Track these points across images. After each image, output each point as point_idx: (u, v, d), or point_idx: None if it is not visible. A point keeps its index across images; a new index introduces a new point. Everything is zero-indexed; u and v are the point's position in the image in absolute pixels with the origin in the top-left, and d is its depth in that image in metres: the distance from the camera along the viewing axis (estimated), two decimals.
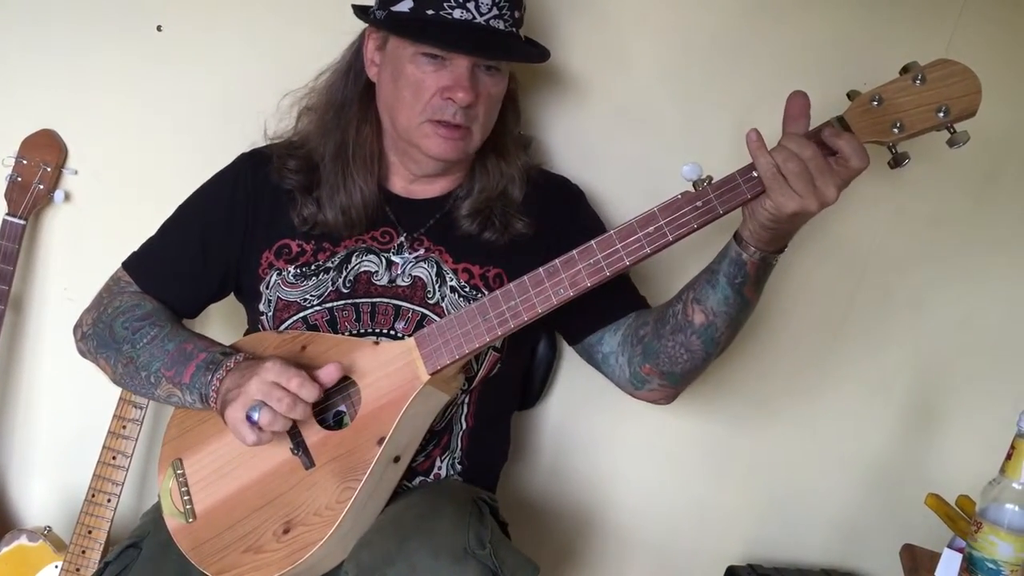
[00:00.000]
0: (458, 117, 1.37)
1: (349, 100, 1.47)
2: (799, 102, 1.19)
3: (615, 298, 1.48)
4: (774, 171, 1.15)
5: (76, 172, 1.79)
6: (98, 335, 1.44)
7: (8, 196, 1.75)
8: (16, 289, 1.80)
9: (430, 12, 1.34)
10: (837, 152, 1.15)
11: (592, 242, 1.22)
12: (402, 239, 1.47)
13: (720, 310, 1.31)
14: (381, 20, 1.39)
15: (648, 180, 1.72)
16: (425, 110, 1.37)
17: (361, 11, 1.43)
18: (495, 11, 1.35)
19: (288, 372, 1.22)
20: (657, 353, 1.39)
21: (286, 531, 1.25)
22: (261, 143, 1.55)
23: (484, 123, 1.42)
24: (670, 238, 1.20)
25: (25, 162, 1.74)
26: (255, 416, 1.21)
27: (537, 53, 1.46)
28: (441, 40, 1.34)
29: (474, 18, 1.34)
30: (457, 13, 1.33)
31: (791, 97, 1.20)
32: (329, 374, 1.26)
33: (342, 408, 1.34)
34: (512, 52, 1.40)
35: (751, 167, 1.18)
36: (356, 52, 1.48)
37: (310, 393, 1.22)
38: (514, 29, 1.39)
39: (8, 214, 1.75)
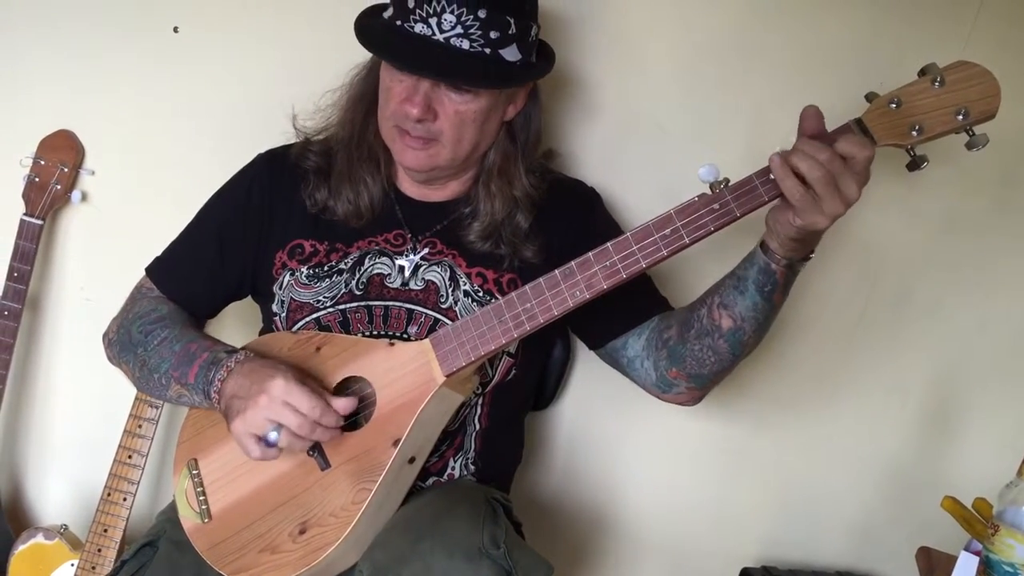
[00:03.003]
0: (417, 130, 1.36)
1: (366, 94, 1.47)
2: (812, 113, 1.18)
3: (637, 302, 1.47)
4: (802, 192, 1.14)
5: (93, 173, 1.80)
6: (120, 341, 1.46)
7: (26, 196, 1.76)
8: (33, 289, 1.81)
9: (398, 23, 1.33)
10: (844, 156, 1.14)
11: (608, 244, 1.22)
12: (413, 241, 1.47)
13: (748, 315, 1.30)
14: (371, 25, 1.39)
15: (665, 183, 1.71)
16: (390, 118, 1.38)
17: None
18: (459, 29, 1.31)
19: (303, 397, 1.22)
20: (683, 357, 1.39)
21: (302, 532, 1.26)
22: (281, 141, 1.55)
23: (454, 140, 1.38)
24: (687, 240, 1.19)
25: (43, 162, 1.75)
26: (273, 438, 1.21)
27: (483, 82, 1.36)
28: (390, 53, 1.34)
29: (433, 34, 1.31)
30: (418, 28, 1.31)
31: (805, 110, 1.19)
32: (344, 407, 1.26)
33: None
34: (447, 72, 1.33)
35: (768, 169, 1.17)
36: None
37: (330, 420, 1.23)
38: (486, 50, 1.33)
39: (26, 214, 1.76)
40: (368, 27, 1.38)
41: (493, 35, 1.32)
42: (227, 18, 1.75)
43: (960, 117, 1.15)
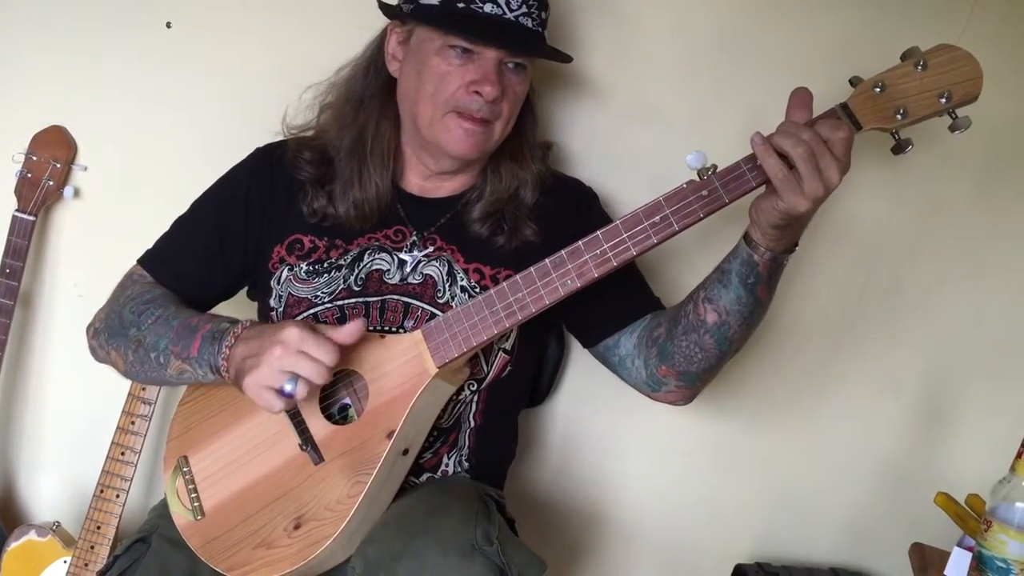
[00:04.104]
0: (483, 112, 1.38)
1: (369, 95, 1.48)
2: (801, 94, 1.19)
3: (630, 300, 1.48)
4: (785, 171, 1.14)
5: (85, 168, 1.80)
6: (109, 327, 1.44)
7: (18, 192, 1.76)
8: (26, 285, 1.81)
9: (460, 5, 1.35)
10: (823, 138, 1.15)
11: (598, 232, 1.22)
12: (414, 237, 1.47)
13: (733, 309, 1.30)
14: (409, 12, 1.39)
15: (658, 175, 1.71)
16: (448, 102, 1.37)
17: (387, 7, 1.44)
18: (524, 8, 1.36)
19: (319, 343, 1.20)
20: (672, 354, 1.39)
21: (297, 526, 1.25)
22: (272, 139, 1.55)
23: (506, 121, 1.42)
24: (676, 227, 1.20)
25: (35, 158, 1.75)
26: (289, 389, 1.19)
27: (562, 53, 1.45)
28: (472, 32, 1.35)
29: (504, 13, 1.35)
30: (488, 7, 1.34)
31: (795, 91, 1.20)
32: (351, 332, 1.24)
33: (347, 402, 1.34)
34: (540, 49, 1.41)
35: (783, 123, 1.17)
36: (377, 48, 1.49)
37: (330, 356, 1.21)
38: (540, 29, 1.40)
39: (18, 210, 1.76)
40: (427, 15, 1.37)
41: (543, 15, 1.40)
42: (220, 13, 1.76)
43: (943, 100, 1.16)
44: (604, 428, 1.91)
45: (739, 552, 1.95)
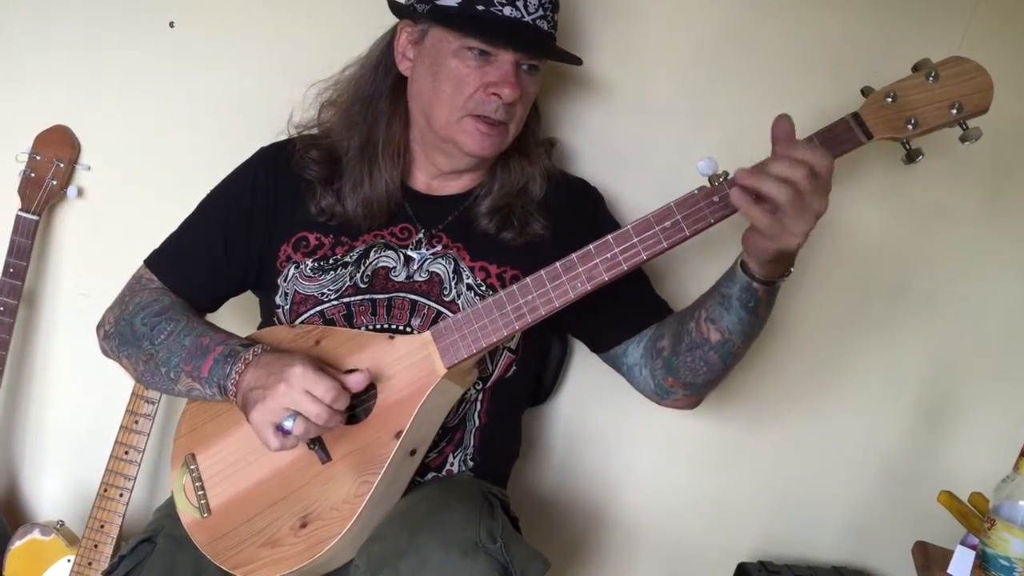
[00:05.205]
0: (499, 113, 1.38)
1: (378, 94, 1.47)
2: (783, 124, 1.15)
3: (637, 309, 1.49)
4: (770, 219, 1.13)
5: (89, 168, 1.80)
6: (120, 333, 1.44)
7: (21, 192, 1.76)
8: (29, 284, 1.81)
9: (480, 8, 1.35)
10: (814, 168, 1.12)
11: (609, 236, 1.23)
12: (420, 235, 1.47)
13: (736, 328, 1.32)
14: (425, 13, 1.39)
15: (663, 173, 1.73)
16: (466, 104, 1.38)
17: (398, 6, 1.44)
18: (541, 11, 1.37)
19: (320, 382, 1.20)
20: (677, 368, 1.41)
21: (303, 525, 1.26)
22: (275, 138, 1.55)
23: (519, 122, 1.44)
24: (687, 232, 1.20)
25: (38, 158, 1.75)
26: (288, 426, 1.20)
27: (575, 56, 1.46)
28: (494, 35, 1.35)
29: (523, 17, 1.36)
30: (507, 11, 1.35)
31: (777, 121, 1.16)
32: (357, 382, 1.25)
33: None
34: (556, 52, 1.42)
35: (767, 162, 1.16)
36: (387, 46, 1.48)
37: (342, 404, 1.21)
38: (553, 31, 1.41)
39: (21, 210, 1.76)
40: (445, 16, 1.37)
41: (555, 17, 1.41)
42: (223, 12, 1.75)
43: (954, 111, 1.17)
44: (607, 427, 1.91)
45: (742, 551, 1.96)
